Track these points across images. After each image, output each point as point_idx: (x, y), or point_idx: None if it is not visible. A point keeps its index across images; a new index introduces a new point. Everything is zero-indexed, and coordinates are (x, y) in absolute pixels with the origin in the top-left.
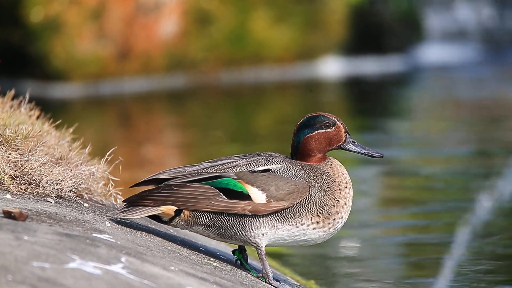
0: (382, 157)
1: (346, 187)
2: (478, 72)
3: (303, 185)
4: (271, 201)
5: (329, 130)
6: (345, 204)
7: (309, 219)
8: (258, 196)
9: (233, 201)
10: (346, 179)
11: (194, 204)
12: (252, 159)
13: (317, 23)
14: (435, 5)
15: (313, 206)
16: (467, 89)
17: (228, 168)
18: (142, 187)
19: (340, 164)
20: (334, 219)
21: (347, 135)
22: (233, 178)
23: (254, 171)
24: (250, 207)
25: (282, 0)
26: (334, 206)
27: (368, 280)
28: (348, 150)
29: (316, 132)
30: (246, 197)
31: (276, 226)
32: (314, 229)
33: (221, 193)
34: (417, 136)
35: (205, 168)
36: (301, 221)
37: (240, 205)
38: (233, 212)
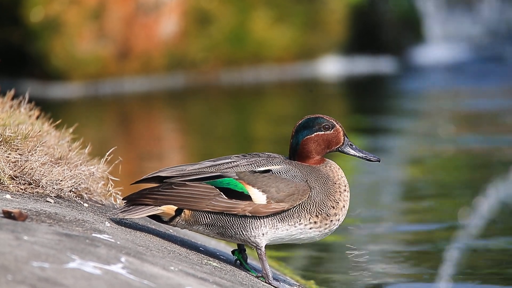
0: (379, 161)
1: (345, 190)
2: (477, 73)
3: (304, 187)
4: (272, 203)
5: (328, 132)
6: (344, 206)
7: (308, 219)
8: (258, 197)
9: (234, 201)
10: (345, 182)
11: (194, 204)
12: (252, 160)
13: (317, 23)
14: (436, 5)
15: (313, 206)
16: (465, 89)
17: (229, 168)
18: (143, 184)
19: (338, 167)
20: (331, 220)
21: (345, 138)
22: (234, 178)
23: (255, 172)
24: (251, 208)
25: (282, 0)
26: (333, 207)
27: (369, 280)
28: (346, 153)
29: (315, 134)
30: (246, 197)
31: (276, 226)
32: (311, 228)
33: (222, 193)
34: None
35: (206, 167)
36: (300, 220)
37: (240, 206)
38: (233, 212)
